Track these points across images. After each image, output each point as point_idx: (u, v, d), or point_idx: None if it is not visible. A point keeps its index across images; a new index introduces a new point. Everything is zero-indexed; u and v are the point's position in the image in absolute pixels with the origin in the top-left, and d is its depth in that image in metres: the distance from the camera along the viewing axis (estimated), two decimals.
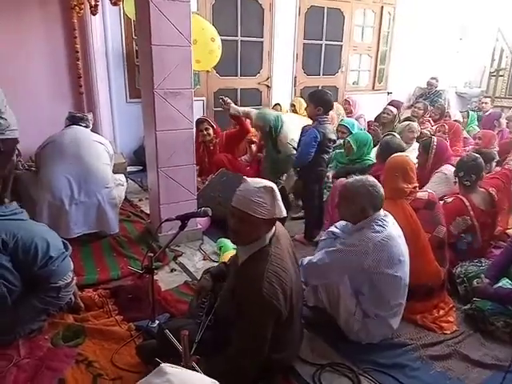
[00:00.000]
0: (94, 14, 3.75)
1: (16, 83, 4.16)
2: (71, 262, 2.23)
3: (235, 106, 4.26)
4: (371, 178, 2.14)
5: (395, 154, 2.82)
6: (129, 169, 4.97)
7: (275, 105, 5.67)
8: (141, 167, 5.08)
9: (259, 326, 1.62)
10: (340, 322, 2.15)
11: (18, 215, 2.12)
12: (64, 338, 2.11)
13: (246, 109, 4.31)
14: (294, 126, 3.86)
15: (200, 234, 3.39)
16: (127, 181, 4.68)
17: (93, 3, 3.60)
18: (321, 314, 2.27)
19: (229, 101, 4.21)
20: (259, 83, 6.15)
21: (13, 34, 4.34)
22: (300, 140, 3.22)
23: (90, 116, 3.54)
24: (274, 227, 1.75)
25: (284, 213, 1.71)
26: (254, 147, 4.85)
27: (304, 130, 3.18)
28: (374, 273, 2.01)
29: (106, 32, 4.72)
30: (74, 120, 3.41)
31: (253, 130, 4.91)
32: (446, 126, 4.77)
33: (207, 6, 5.33)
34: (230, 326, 1.67)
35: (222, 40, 4.62)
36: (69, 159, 3.15)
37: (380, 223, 2.05)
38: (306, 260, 2.18)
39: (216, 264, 2.86)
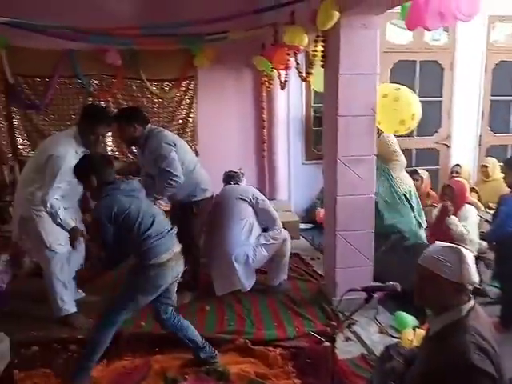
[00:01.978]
0: (282, 89, 4.19)
1: (212, 146, 4.88)
2: (172, 242, 2.39)
3: None
4: None
5: None
6: (301, 226, 5.18)
7: (455, 165, 5.29)
8: (312, 225, 5.25)
9: None
10: None
11: (135, 192, 2.34)
12: None
13: None
14: None
15: (375, 303, 3.26)
16: (299, 238, 4.93)
17: (283, 80, 4.01)
18: None
19: None
20: (437, 142, 5.85)
21: (214, 105, 5.17)
22: (498, 209, 2.90)
23: (241, 171, 3.79)
24: (471, 300, 1.60)
25: (476, 280, 1.56)
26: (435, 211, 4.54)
27: (503, 199, 2.86)
28: None
29: (288, 102, 5.19)
30: (227, 179, 3.72)
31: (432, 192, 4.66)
32: None
33: (386, 70, 5.42)
34: None
35: None
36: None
37: None
38: None
39: (395, 340, 2.71)
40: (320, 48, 3.01)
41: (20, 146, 4.84)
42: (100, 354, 2.36)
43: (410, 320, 2.87)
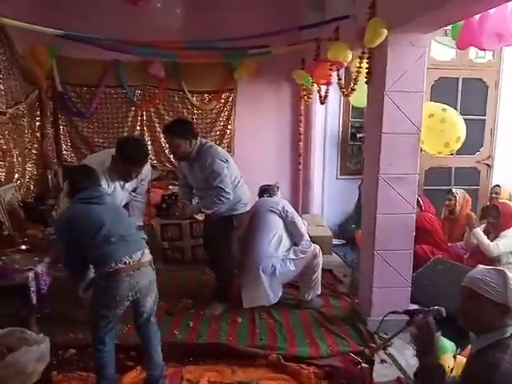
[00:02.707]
0: (322, 104, 4.18)
1: (248, 158, 4.91)
2: (124, 250, 2.23)
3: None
4: None
5: None
6: (333, 242, 5.11)
7: (494, 186, 5.11)
8: (344, 241, 5.18)
9: None
10: None
11: (97, 199, 2.29)
12: None
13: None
14: None
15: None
16: (331, 253, 4.87)
17: (323, 94, 4.01)
18: None
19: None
20: (478, 162, 5.67)
21: (252, 117, 5.24)
22: None
23: (276, 185, 3.79)
24: None
25: None
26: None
27: None
28: None
29: (326, 116, 5.18)
30: (261, 193, 3.73)
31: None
32: None
33: (427, 87, 5.33)
34: None
35: None
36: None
37: None
38: None
39: None
40: (365, 65, 3.00)
41: (64, 152, 5.03)
42: (110, 367, 2.33)
43: (450, 346, 2.76)
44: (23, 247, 3.16)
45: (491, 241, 3.53)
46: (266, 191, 3.72)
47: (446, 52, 5.23)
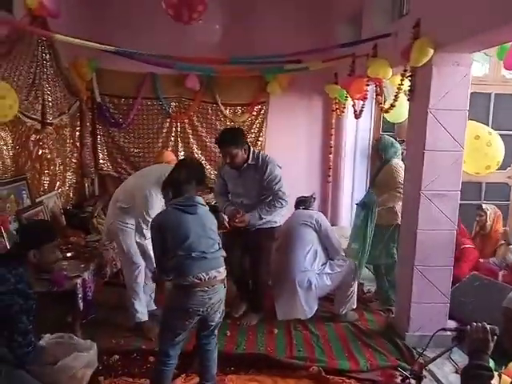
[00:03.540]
0: (357, 118, 4.22)
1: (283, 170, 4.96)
2: (202, 267, 2.24)
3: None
4: None
5: None
6: None
7: None
8: None
9: None
10: None
11: (191, 208, 2.28)
12: None
13: None
14: None
15: (448, 341, 3.16)
16: None
17: (358, 109, 4.06)
18: None
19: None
20: (509, 177, 5.62)
21: (283, 129, 5.32)
22: None
23: (313, 196, 3.80)
24: None
25: None
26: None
27: None
28: None
29: (357, 130, 5.22)
30: (297, 204, 3.75)
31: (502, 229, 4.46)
32: None
33: None
34: None
35: None
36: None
37: None
38: None
39: None
40: (407, 82, 3.04)
41: (101, 161, 5.18)
42: (167, 380, 2.36)
43: (491, 363, 2.75)
44: (69, 254, 3.26)
45: None
46: (302, 203, 3.75)
47: (479, 67, 5.24)
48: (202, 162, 5.18)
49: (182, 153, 5.23)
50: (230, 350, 3.04)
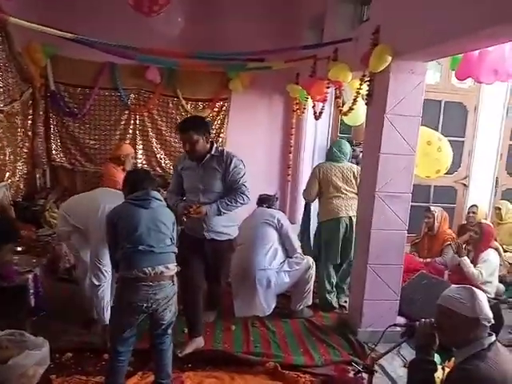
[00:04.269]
0: (317, 119, 4.31)
1: None
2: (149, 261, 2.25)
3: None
4: None
5: None
6: None
7: (472, 206, 5.38)
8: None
9: None
10: None
11: (144, 202, 2.30)
12: None
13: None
14: None
15: (398, 337, 3.32)
16: None
17: (318, 111, 4.15)
18: None
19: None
20: (456, 181, 5.97)
21: (244, 127, 5.33)
22: None
23: (276, 196, 3.88)
24: (492, 336, 1.74)
25: (490, 315, 1.72)
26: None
27: None
28: None
29: (316, 131, 5.33)
30: (259, 202, 3.79)
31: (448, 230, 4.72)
32: None
33: None
34: None
35: None
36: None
37: None
38: None
39: None
40: (365, 87, 3.15)
41: (54, 152, 4.97)
42: (119, 376, 2.35)
43: (437, 357, 2.92)
44: (19, 248, 3.12)
45: (470, 260, 3.79)
46: (264, 201, 3.78)
47: (431, 75, 5.50)
48: (161, 156, 5.12)
49: (141, 146, 5.13)
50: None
